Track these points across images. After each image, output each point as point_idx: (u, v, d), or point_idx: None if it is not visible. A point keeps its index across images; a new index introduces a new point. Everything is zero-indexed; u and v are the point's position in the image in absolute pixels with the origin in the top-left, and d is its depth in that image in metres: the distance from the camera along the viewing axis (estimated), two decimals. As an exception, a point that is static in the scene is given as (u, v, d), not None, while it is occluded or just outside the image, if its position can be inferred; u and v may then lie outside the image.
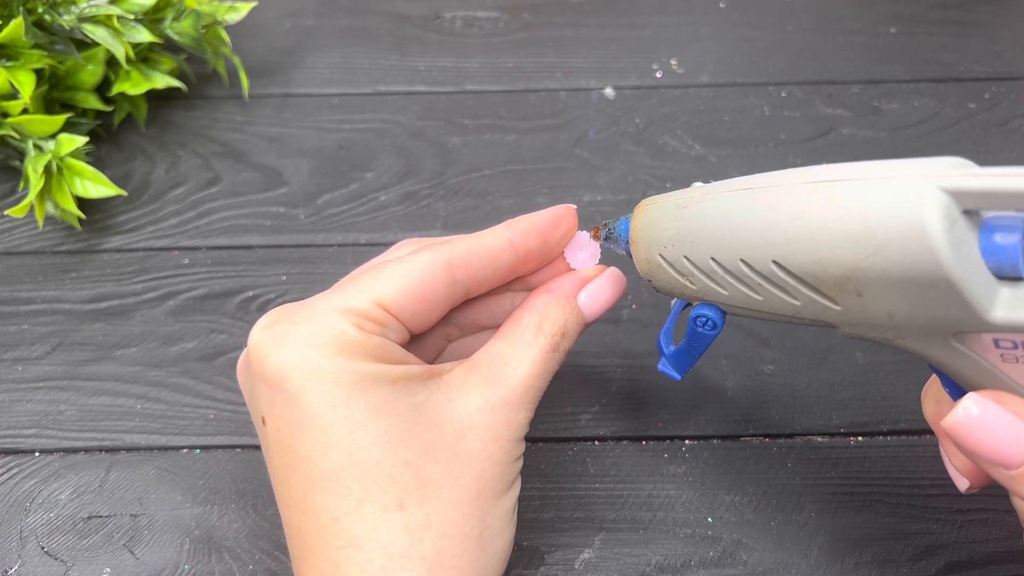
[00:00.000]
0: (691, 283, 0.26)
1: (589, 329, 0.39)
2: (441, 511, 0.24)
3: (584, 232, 0.29)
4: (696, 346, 0.28)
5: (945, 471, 0.34)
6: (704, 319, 0.27)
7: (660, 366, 0.30)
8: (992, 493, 0.34)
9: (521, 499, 0.33)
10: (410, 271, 0.25)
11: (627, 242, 0.28)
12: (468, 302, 0.29)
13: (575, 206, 0.29)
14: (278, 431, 0.24)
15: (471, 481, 0.24)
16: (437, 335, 0.30)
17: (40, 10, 0.40)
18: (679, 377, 0.30)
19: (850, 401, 0.36)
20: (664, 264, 0.26)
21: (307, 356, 0.23)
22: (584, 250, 0.29)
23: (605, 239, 0.29)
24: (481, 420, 0.25)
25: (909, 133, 0.45)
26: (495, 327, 0.29)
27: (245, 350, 0.26)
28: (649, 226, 0.26)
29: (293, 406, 0.24)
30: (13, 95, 0.39)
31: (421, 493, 0.24)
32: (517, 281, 0.30)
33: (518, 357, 0.26)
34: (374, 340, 0.24)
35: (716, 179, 0.44)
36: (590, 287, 0.28)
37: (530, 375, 0.26)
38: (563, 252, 0.29)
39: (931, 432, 0.35)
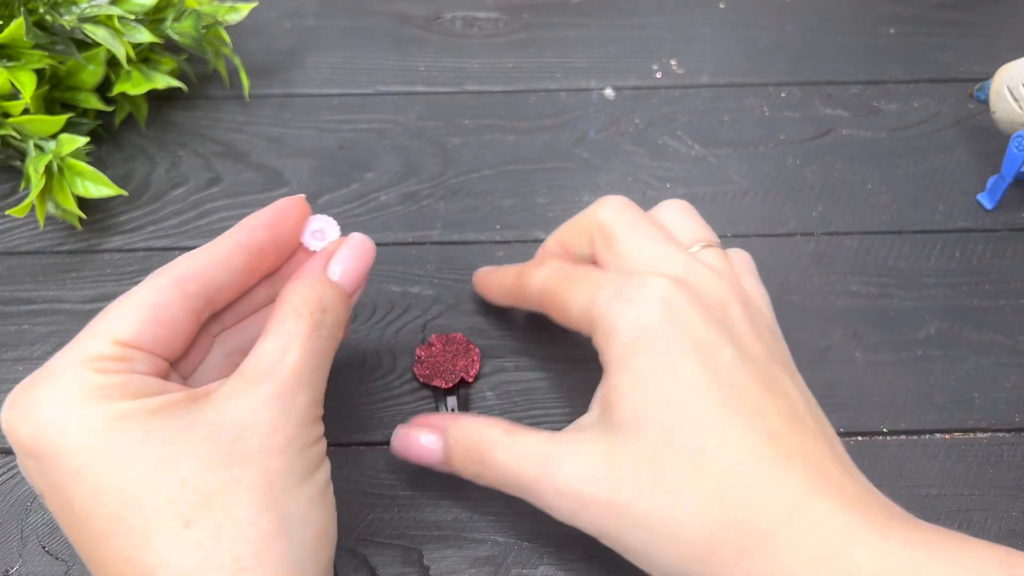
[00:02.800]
0: (1020, 108, 0.38)
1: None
2: (230, 517, 0.23)
3: (320, 215, 0.30)
4: (1008, 169, 0.39)
5: (944, 471, 0.34)
6: (1021, 141, 0.38)
7: (978, 196, 0.42)
8: (992, 494, 0.34)
9: (521, 499, 0.33)
10: (136, 300, 0.26)
11: (988, 89, 0.41)
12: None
13: (304, 195, 0.30)
14: (56, 496, 0.24)
15: (256, 478, 0.24)
16: (199, 343, 0.30)
17: (41, 10, 0.40)
18: (990, 206, 0.41)
19: (850, 401, 0.36)
20: (1007, 94, 0.39)
21: (53, 415, 0.23)
22: (323, 232, 0.30)
23: (977, 90, 0.42)
24: (255, 418, 0.24)
25: (909, 133, 0.45)
26: (262, 306, 0.31)
27: None
28: (1007, 70, 0.40)
29: (56, 467, 0.23)
30: (14, 95, 0.39)
31: (205, 506, 0.23)
32: (276, 278, 0.30)
33: (282, 347, 0.26)
34: (118, 379, 0.24)
35: (717, 180, 0.44)
36: (335, 258, 0.29)
37: (299, 360, 0.26)
38: (302, 241, 0.30)
39: (931, 432, 0.35)
